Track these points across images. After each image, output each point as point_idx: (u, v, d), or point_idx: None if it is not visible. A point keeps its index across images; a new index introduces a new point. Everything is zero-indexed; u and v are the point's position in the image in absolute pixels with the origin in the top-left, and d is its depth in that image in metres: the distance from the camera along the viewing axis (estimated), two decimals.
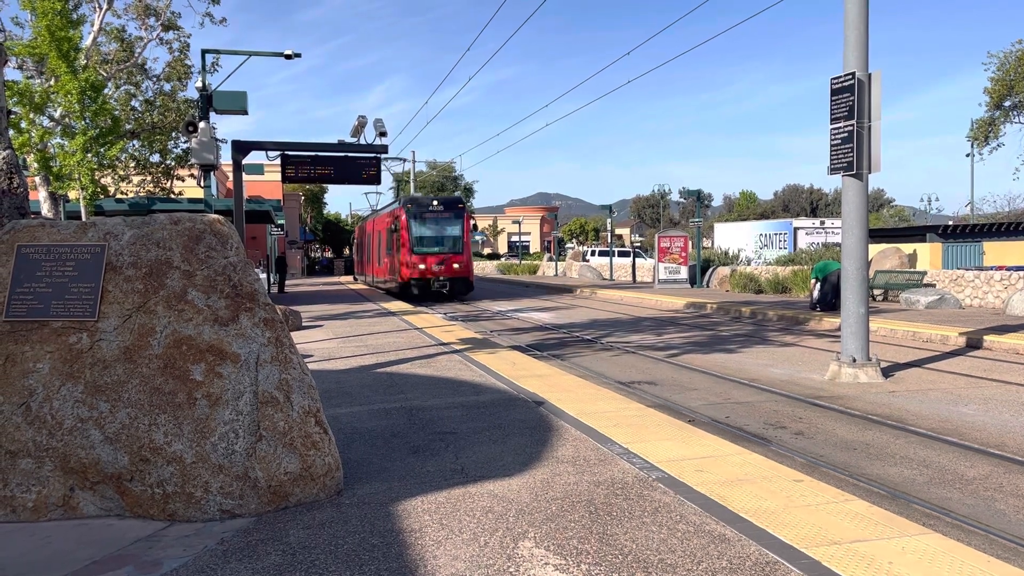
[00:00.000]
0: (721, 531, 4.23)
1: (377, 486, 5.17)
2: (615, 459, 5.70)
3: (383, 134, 16.87)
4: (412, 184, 52.75)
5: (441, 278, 27.47)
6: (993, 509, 5.36)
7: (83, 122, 18.99)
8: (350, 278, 54.55)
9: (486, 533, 4.27)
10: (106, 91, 21.71)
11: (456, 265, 27.73)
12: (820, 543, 4.02)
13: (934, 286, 20.78)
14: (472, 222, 29.20)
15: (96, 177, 20.04)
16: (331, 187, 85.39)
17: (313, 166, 16.69)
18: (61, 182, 19.52)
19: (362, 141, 17.24)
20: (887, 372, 10.67)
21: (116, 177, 23.54)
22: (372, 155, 16.90)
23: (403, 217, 27.97)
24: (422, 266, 27.22)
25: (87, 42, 21.36)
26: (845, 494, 4.92)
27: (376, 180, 17.12)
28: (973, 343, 13.33)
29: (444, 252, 27.72)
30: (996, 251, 26.87)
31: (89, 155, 18.92)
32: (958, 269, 22.88)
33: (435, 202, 28.69)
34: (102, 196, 21.25)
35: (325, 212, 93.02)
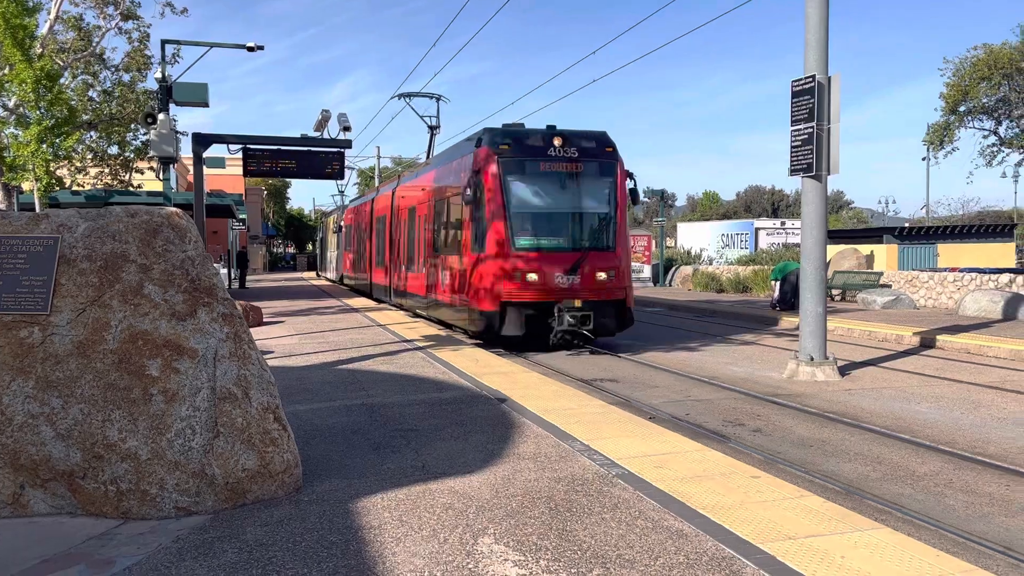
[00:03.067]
0: (679, 527, 4.28)
1: (337, 483, 5.14)
2: (576, 456, 5.73)
3: (347, 129, 16.74)
4: (377, 179, 52.25)
5: (576, 303, 12.91)
6: (943, 504, 5.49)
7: (38, 112, 18.59)
8: (313, 274, 54.10)
9: (446, 530, 4.27)
10: (63, 80, 21.25)
11: (602, 275, 13.26)
12: (775, 538, 4.09)
13: (890, 287, 21.22)
14: (631, 185, 14.31)
15: (51, 168, 19.62)
16: (294, 182, 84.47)
17: (275, 160, 16.47)
18: (14, 173, 19.08)
19: (326, 136, 17.10)
20: (844, 370, 10.86)
21: (72, 169, 23.03)
22: (335, 150, 16.74)
23: (493, 169, 13.22)
24: (532, 276, 12.87)
25: (43, 30, 20.86)
26: (801, 490, 5.00)
27: (340, 175, 16.93)
28: (927, 343, 13.63)
29: (578, 247, 13.38)
30: (950, 253, 27.53)
31: (44, 145, 18.53)
32: (913, 270, 23.38)
33: (557, 141, 13.51)
34: (57, 188, 20.80)
35: (288, 207, 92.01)
